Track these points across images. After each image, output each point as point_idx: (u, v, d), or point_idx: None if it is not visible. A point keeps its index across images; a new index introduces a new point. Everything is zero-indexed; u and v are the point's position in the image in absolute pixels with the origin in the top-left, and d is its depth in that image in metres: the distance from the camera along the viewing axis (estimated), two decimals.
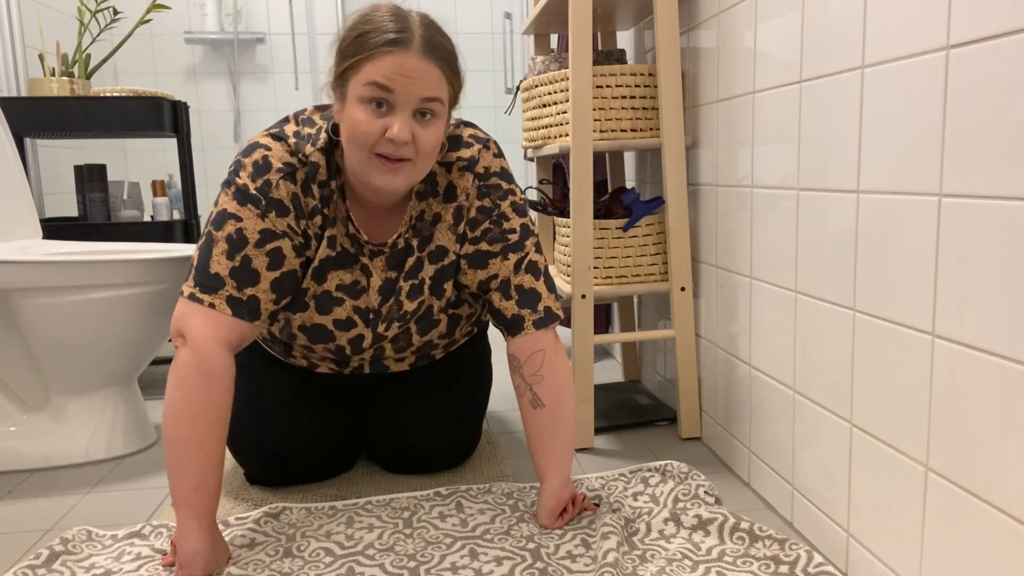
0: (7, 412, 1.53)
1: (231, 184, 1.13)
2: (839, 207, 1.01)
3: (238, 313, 1.09)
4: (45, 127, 2.02)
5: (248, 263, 1.10)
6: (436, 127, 1.06)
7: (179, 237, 2.13)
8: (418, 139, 1.04)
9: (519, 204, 1.23)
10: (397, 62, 1.01)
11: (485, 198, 1.20)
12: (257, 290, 1.11)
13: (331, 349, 1.27)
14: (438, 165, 1.20)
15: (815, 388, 1.10)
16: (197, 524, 1.03)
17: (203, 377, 1.04)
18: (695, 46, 1.52)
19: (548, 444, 1.18)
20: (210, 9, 3.09)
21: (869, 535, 0.98)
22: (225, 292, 1.09)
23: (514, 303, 1.20)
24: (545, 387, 1.18)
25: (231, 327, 1.09)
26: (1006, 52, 0.71)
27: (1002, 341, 0.74)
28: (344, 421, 1.41)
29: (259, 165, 1.12)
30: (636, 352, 2.03)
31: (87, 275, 1.43)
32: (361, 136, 1.03)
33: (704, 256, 1.54)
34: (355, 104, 1.03)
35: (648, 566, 1.05)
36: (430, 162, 1.09)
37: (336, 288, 1.20)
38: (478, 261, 1.21)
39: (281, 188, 1.12)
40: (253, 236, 1.10)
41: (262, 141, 1.15)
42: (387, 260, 1.21)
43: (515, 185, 1.24)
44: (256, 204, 1.11)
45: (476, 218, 1.21)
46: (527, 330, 1.19)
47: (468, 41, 3.26)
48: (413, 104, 1.03)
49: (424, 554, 1.10)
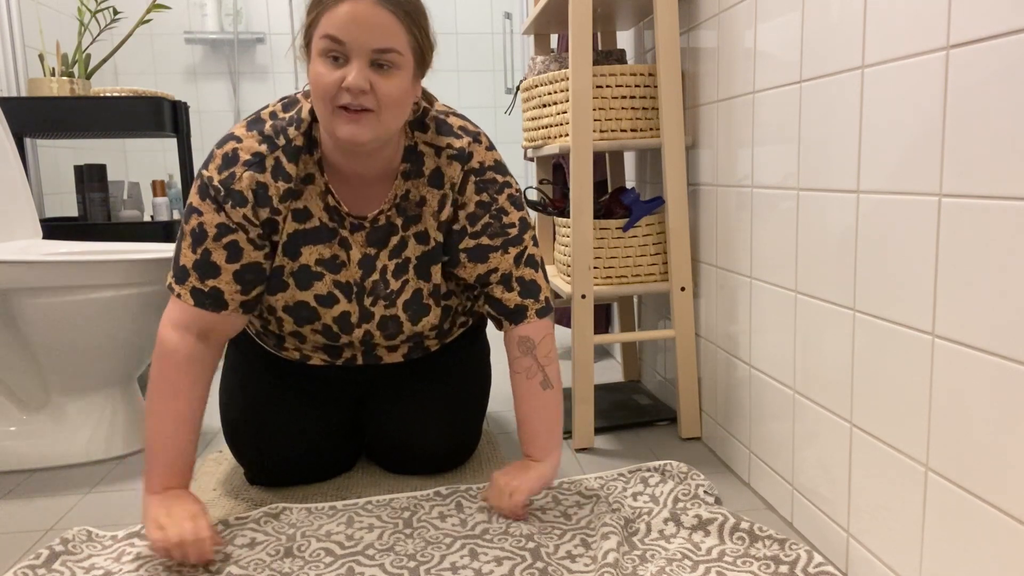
0: (7, 412, 1.53)
1: (199, 176, 1.16)
2: (839, 207, 1.01)
3: (200, 303, 1.15)
4: (45, 127, 2.02)
5: (208, 256, 1.15)
6: (397, 78, 1.05)
7: None
8: (377, 88, 1.04)
9: (516, 196, 1.24)
10: (349, 11, 1.01)
11: (483, 193, 1.21)
12: (219, 281, 1.15)
13: (319, 330, 1.26)
14: (426, 146, 1.20)
15: (815, 388, 1.10)
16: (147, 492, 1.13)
17: (162, 358, 1.14)
18: (695, 46, 1.52)
19: (554, 424, 1.24)
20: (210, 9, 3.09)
21: (869, 535, 0.98)
22: (190, 284, 1.15)
23: (516, 294, 1.24)
24: (553, 370, 1.25)
25: (194, 316, 1.16)
26: (1006, 52, 0.71)
27: (1002, 341, 0.74)
28: (344, 421, 1.41)
29: (227, 158, 1.14)
30: (636, 352, 2.03)
31: (87, 275, 1.43)
32: (320, 89, 1.04)
33: (704, 256, 1.54)
34: (316, 59, 1.05)
35: (648, 566, 1.05)
36: (396, 115, 1.08)
37: (315, 263, 1.21)
38: (479, 255, 1.22)
39: (243, 180, 1.14)
40: (211, 230, 1.14)
41: (236, 132, 1.17)
42: (367, 236, 1.21)
43: (510, 176, 1.25)
44: (214, 199, 1.14)
45: (475, 213, 1.21)
46: (531, 319, 1.24)
47: (468, 41, 3.26)
48: (367, 54, 1.03)
49: (424, 554, 1.10)
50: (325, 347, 1.30)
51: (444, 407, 1.39)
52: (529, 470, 1.21)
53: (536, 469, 1.21)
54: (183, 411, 1.14)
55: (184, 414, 1.14)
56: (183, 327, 1.15)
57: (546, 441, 1.23)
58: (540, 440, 1.23)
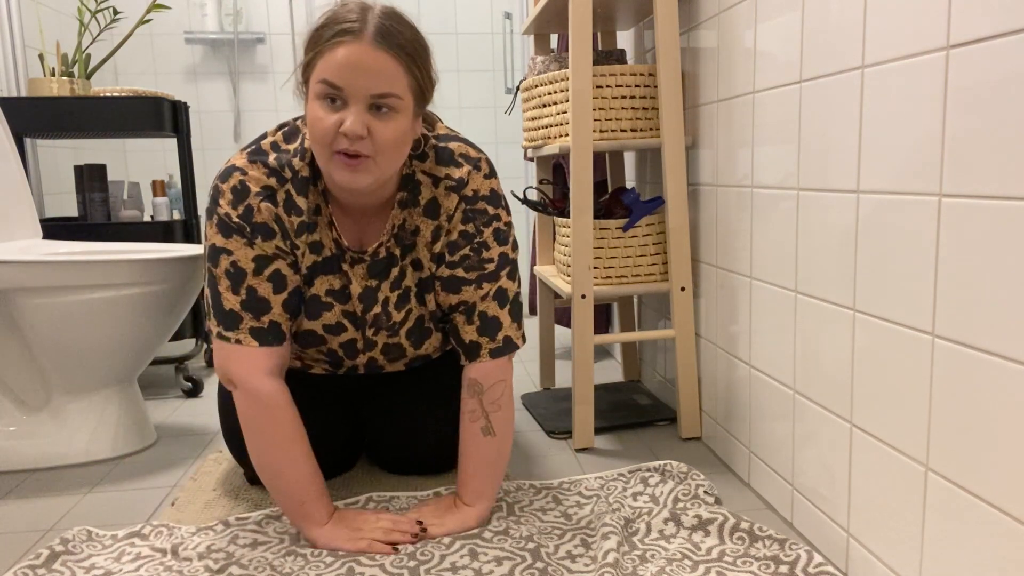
0: (7, 412, 1.53)
1: (213, 213, 1.12)
2: (839, 207, 1.01)
3: (265, 341, 1.12)
4: (45, 127, 2.02)
5: (254, 293, 1.11)
6: (395, 122, 1.02)
7: (179, 237, 2.13)
8: (374, 134, 1.01)
9: (502, 231, 1.19)
10: (346, 54, 0.98)
11: (469, 223, 1.17)
12: (272, 315, 1.13)
13: (324, 352, 1.27)
14: (424, 175, 1.17)
15: (815, 388, 1.10)
16: (317, 526, 1.12)
17: (261, 411, 1.11)
18: (695, 46, 1.52)
19: (488, 473, 1.19)
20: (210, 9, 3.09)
21: (869, 535, 0.98)
22: (246, 326, 1.11)
23: (475, 329, 1.19)
24: (500, 418, 1.19)
25: (265, 356, 1.12)
26: (1006, 52, 0.71)
27: (1002, 341, 0.74)
28: (344, 422, 1.41)
29: (237, 191, 1.10)
30: (636, 352, 2.03)
31: (87, 275, 1.43)
32: (318, 133, 1.01)
33: (704, 256, 1.54)
34: (313, 101, 1.02)
35: (648, 566, 1.05)
36: (394, 158, 1.05)
37: (325, 293, 1.19)
38: (452, 286, 1.19)
39: (263, 211, 1.10)
40: (249, 266, 1.11)
41: (238, 164, 1.12)
42: (368, 268, 1.19)
43: (502, 208, 1.20)
44: (241, 233, 1.10)
45: (457, 242, 1.17)
46: (483, 358, 1.19)
47: (468, 41, 3.26)
48: (365, 99, 1.00)
49: (424, 554, 1.10)
50: (328, 362, 1.31)
51: (444, 407, 1.39)
52: (455, 512, 1.18)
53: (462, 513, 1.17)
54: (307, 450, 1.13)
55: (309, 453, 1.14)
56: (263, 372, 1.11)
57: (478, 486, 1.18)
58: (472, 484, 1.18)
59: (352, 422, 1.43)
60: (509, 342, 1.20)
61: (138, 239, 2.08)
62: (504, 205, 1.21)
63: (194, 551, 1.11)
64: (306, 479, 1.12)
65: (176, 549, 1.13)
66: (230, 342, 1.11)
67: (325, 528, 1.12)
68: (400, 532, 1.12)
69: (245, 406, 1.11)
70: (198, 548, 1.12)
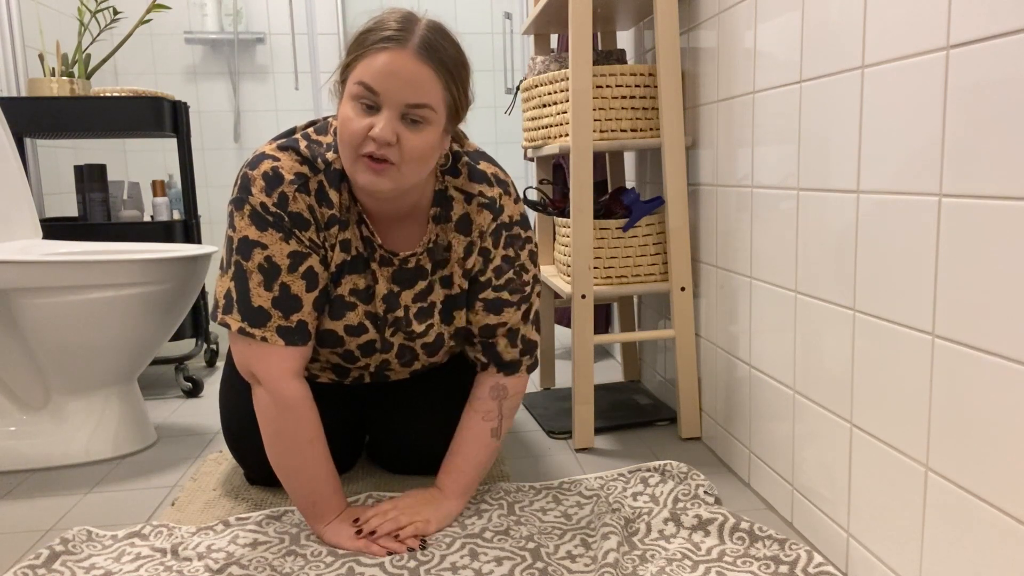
0: (7, 412, 1.53)
1: (244, 203, 1.08)
2: (839, 207, 1.01)
3: (291, 341, 1.11)
4: (45, 127, 2.02)
5: (287, 290, 1.10)
6: (425, 133, 1.02)
7: (179, 237, 2.13)
8: (403, 143, 1.01)
9: (534, 252, 1.25)
10: (389, 60, 0.99)
11: (510, 248, 1.20)
12: (302, 314, 1.12)
13: (338, 353, 1.26)
14: (456, 191, 1.17)
15: (815, 388, 1.10)
16: (323, 523, 1.14)
17: (282, 411, 1.10)
18: (695, 46, 1.52)
19: (480, 472, 1.23)
20: (210, 9, 3.09)
21: (869, 535, 0.98)
22: (274, 324, 1.09)
23: (518, 351, 1.25)
24: (507, 425, 1.26)
25: (291, 356, 1.11)
26: (1006, 52, 0.71)
27: (1002, 341, 0.74)
28: (345, 423, 1.41)
29: (270, 177, 1.08)
30: (636, 352, 2.03)
31: (87, 275, 1.43)
32: (347, 134, 1.02)
33: (704, 256, 1.54)
34: (347, 101, 1.02)
35: (648, 566, 1.05)
36: (418, 169, 1.05)
37: (349, 293, 1.18)
38: (495, 307, 1.22)
39: (299, 200, 1.09)
40: (284, 262, 1.09)
41: (268, 152, 1.11)
42: (394, 273, 1.19)
43: (530, 231, 1.24)
44: (277, 226, 1.08)
45: (502, 267, 1.20)
46: (520, 373, 1.26)
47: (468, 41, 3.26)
48: (399, 107, 1.00)
49: (424, 554, 1.10)
50: (336, 367, 1.30)
51: (445, 408, 1.39)
52: (439, 504, 1.18)
53: (445, 506, 1.19)
54: (324, 451, 1.14)
55: (326, 452, 1.14)
56: (288, 373, 1.11)
57: (468, 482, 1.21)
58: (463, 480, 1.21)
59: (353, 423, 1.43)
60: (538, 359, 1.29)
61: (138, 239, 2.08)
62: (531, 227, 1.25)
63: (194, 551, 1.11)
64: (321, 479, 1.13)
65: (176, 549, 1.13)
66: (255, 339, 1.09)
67: (331, 525, 1.13)
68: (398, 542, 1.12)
69: (266, 404, 1.11)
70: (198, 548, 1.12)
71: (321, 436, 1.13)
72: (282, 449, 1.12)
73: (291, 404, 1.10)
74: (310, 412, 1.12)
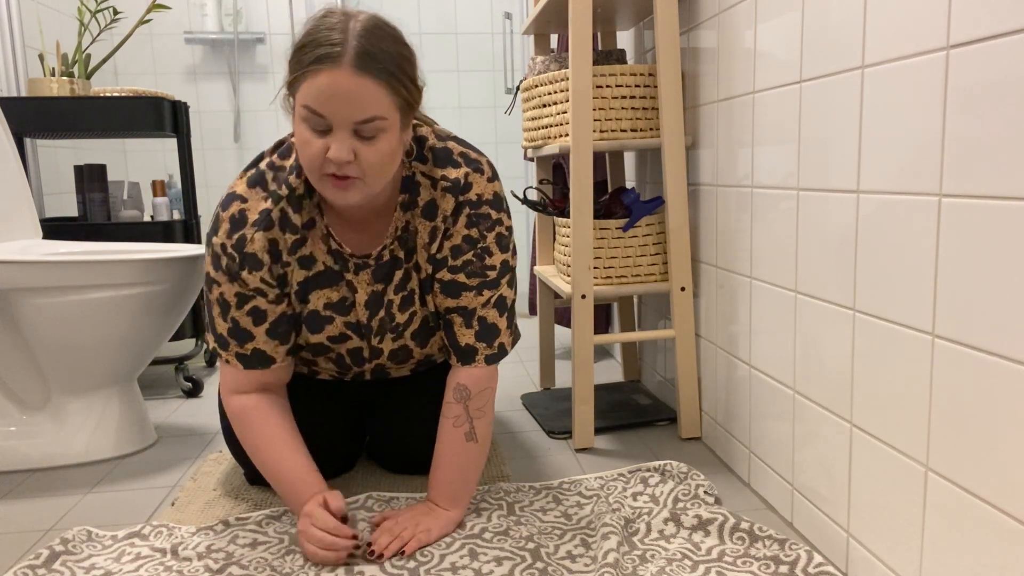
0: (7, 412, 1.53)
1: (210, 241, 1.15)
2: (839, 207, 1.01)
3: (249, 365, 1.18)
4: (45, 127, 2.02)
5: (238, 324, 1.17)
6: (381, 142, 1.01)
7: (179, 237, 2.13)
8: (361, 158, 1.00)
9: (504, 236, 1.18)
10: (328, 82, 0.96)
11: (473, 227, 1.16)
12: (256, 343, 1.18)
13: (332, 359, 1.28)
14: (423, 177, 1.16)
15: (815, 388, 1.10)
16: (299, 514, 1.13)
17: (233, 421, 1.19)
18: (695, 46, 1.52)
19: (467, 478, 1.19)
20: (210, 9, 3.09)
21: (869, 535, 0.98)
22: (233, 350, 1.18)
23: (473, 333, 1.18)
24: (483, 424, 1.19)
25: (247, 377, 1.19)
26: (1006, 52, 0.71)
27: (1002, 341, 0.74)
28: (346, 423, 1.41)
29: (235, 220, 1.13)
30: (636, 352, 2.03)
31: (87, 275, 1.43)
32: (306, 159, 1.01)
33: (704, 256, 1.54)
34: (299, 123, 1.01)
35: (648, 566, 1.05)
36: (384, 174, 1.04)
37: (324, 307, 1.20)
38: (451, 290, 1.18)
39: (256, 241, 1.12)
40: (232, 300, 1.16)
41: (238, 191, 1.15)
42: (373, 273, 1.19)
43: (504, 213, 1.19)
44: (228, 268, 1.13)
45: (460, 246, 1.16)
46: (478, 363, 1.19)
47: (468, 41, 3.26)
48: (349, 125, 0.98)
49: (424, 554, 1.10)
50: (336, 362, 1.31)
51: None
52: (435, 516, 1.16)
53: (445, 516, 1.16)
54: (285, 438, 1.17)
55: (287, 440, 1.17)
56: (242, 391, 1.19)
57: (456, 491, 1.17)
58: (450, 489, 1.17)
59: (354, 423, 1.43)
60: (503, 348, 1.21)
61: (138, 239, 2.08)
62: (506, 209, 1.20)
63: (194, 551, 1.11)
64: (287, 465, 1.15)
65: (176, 549, 1.13)
66: (222, 359, 1.20)
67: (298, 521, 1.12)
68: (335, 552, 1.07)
69: (230, 419, 1.20)
70: (198, 548, 1.12)
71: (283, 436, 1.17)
72: (252, 448, 1.18)
73: (236, 415, 1.18)
74: (259, 418, 1.17)
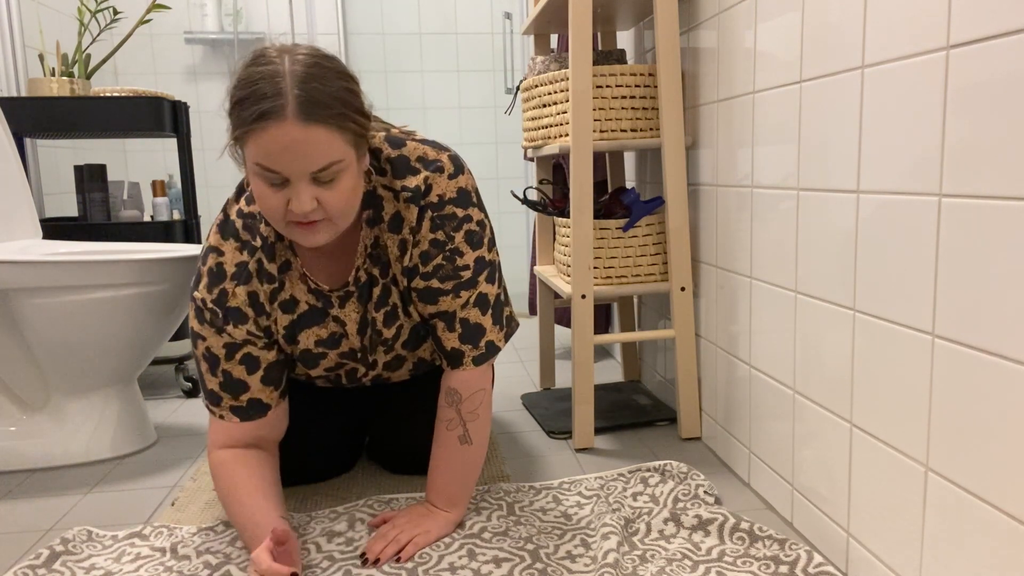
0: (7, 412, 1.53)
1: (192, 295, 1.14)
2: (839, 207, 1.01)
3: (246, 417, 1.16)
4: (45, 127, 2.02)
5: (230, 376, 1.14)
6: (343, 182, 0.98)
7: (179, 237, 2.13)
8: (324, 203, 0.97)
9: (474, 232, 1.13)
10: (275, 138, 0.92)
11: (439, 231, 1.11)
12: (251, 392, 1.15)
13: (330, 379, 1.30)
14: (385, 190, 1.12)
15: (815, 388, 1.10)
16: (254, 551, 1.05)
17: (216, 472, 1.14)
18: (695, 46, 1.52)
19: (463, 480, 1.18)
20: (210, 9, 3.09)
21: (869, 535, 0.98)
22: (227, 404, 1.15)
23: (456, 336, 1.15)
24: (476, 426, 1.17)
25: (242, 430, 1.16)
26: (1006, 52, 0.71)
27: (1002, 341, 0.74)
28: (346, 424, 1.41)
29: (214, 274, 1.12)
30: (636, 352, 2.03)
31: (87, 275, 1.43)
32: (268, 211, 0.98)
33: (704, 256, 1.54)
34: (253, 177, 0.97)
35: (648, 566, 1.05)
36: (350, 211, 1.01)
37: (315, 344, 1.19)
38: (428, 297, 1.15)
39: (238, 295, 1.11)
40: (220, 352, 1.13)
41: (212, 243, 1.13)
42: (358, 298, 1.17)
43: (472, 207, 1.13)
44: (212, 322, 1.12)
45: (428, 252, 1.12)
46: (466, 366, 1.16)
47: (468, 41, 3.26)
48: (305, 176, 0.95)
49: (422, 554, 1.10)
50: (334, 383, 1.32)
51: None
52: (433, 518, 1.15)
53: (445, 516, 1.16)
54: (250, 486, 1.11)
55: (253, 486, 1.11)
56: (233, 445, 1.16)
57: (453, 493, 1.17)
58: (447, 492, 1.17)
59: (354, 424, 1.43)
60: (492, 346, 1.17)
61: (138, 239, 2.08)
62: (475, 202, 1.14)
63: (194, 551, 1.11)
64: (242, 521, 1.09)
65: (176, 549, 1.13)
66: (215, 416, 1.16)
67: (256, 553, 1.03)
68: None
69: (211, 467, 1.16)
70: (198, 548, 1.12)
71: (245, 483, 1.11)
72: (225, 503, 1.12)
73: (214, 469, 1.15)
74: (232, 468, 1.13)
